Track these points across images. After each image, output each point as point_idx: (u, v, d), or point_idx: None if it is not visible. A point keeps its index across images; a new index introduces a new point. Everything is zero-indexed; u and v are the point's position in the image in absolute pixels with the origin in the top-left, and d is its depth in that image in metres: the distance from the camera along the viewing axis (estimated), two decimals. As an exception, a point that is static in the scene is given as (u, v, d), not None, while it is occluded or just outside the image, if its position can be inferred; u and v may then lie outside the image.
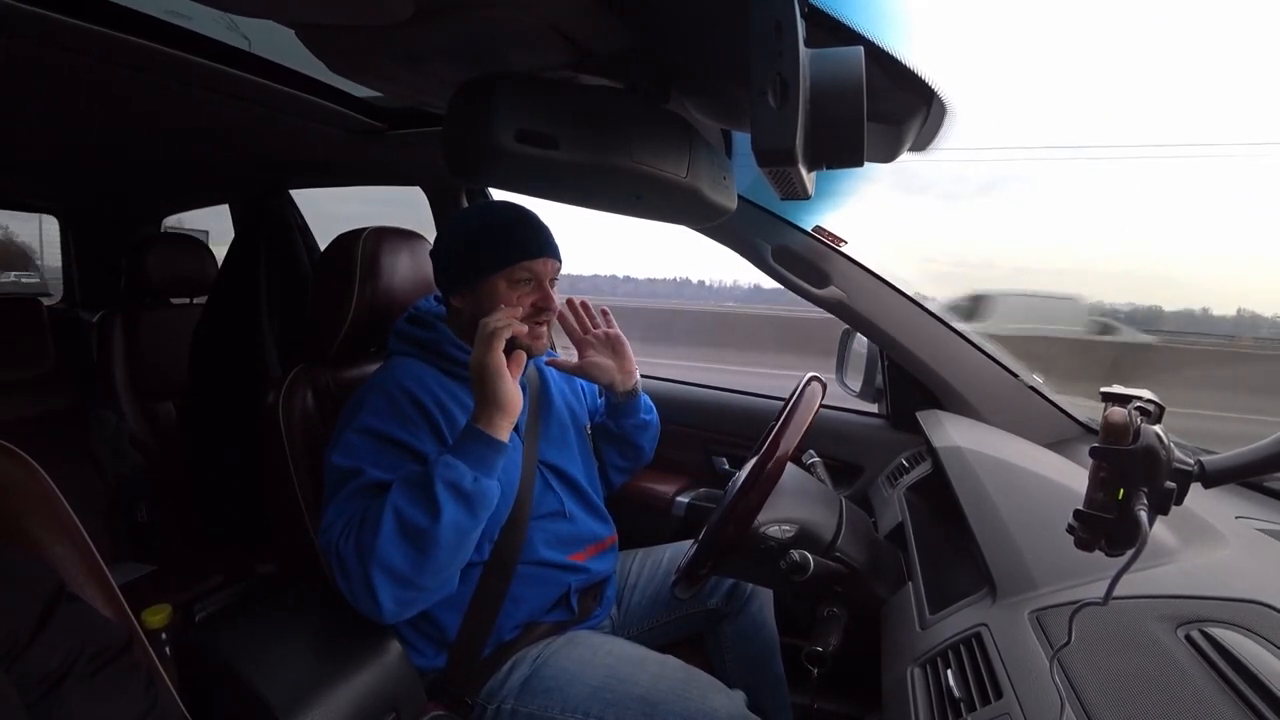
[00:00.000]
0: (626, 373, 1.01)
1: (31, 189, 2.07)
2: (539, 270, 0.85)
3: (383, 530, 0.69)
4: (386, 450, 0.77)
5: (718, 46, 0.56)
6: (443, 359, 0.87)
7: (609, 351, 1.00)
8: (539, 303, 0.86)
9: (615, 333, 1.01)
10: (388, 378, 0.83)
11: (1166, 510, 0.47)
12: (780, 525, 0.75)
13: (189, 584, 1.31)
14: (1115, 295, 10.91)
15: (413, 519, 0.69)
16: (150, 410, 1.62)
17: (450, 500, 0.70)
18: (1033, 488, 0.79)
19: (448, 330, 0.88)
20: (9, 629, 0.43)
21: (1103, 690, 0.46)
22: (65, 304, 2.29)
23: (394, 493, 0.72)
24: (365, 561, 0.69)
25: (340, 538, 0.72)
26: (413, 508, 0.70)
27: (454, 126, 0.60)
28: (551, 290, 0.87)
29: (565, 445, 0.98)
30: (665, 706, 0.77)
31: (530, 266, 0.84)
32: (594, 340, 1.00)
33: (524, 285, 0.85)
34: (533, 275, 0.85)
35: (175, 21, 0.82)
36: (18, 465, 0.54)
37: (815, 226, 1.11)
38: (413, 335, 0.89)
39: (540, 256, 0.85)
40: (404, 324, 0.91)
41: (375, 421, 0.78)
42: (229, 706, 0.69)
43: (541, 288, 0.86)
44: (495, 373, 0.74)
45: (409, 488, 0.72)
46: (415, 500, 0.70)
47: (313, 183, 1.68)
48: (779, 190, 0.50)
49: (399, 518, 0.70)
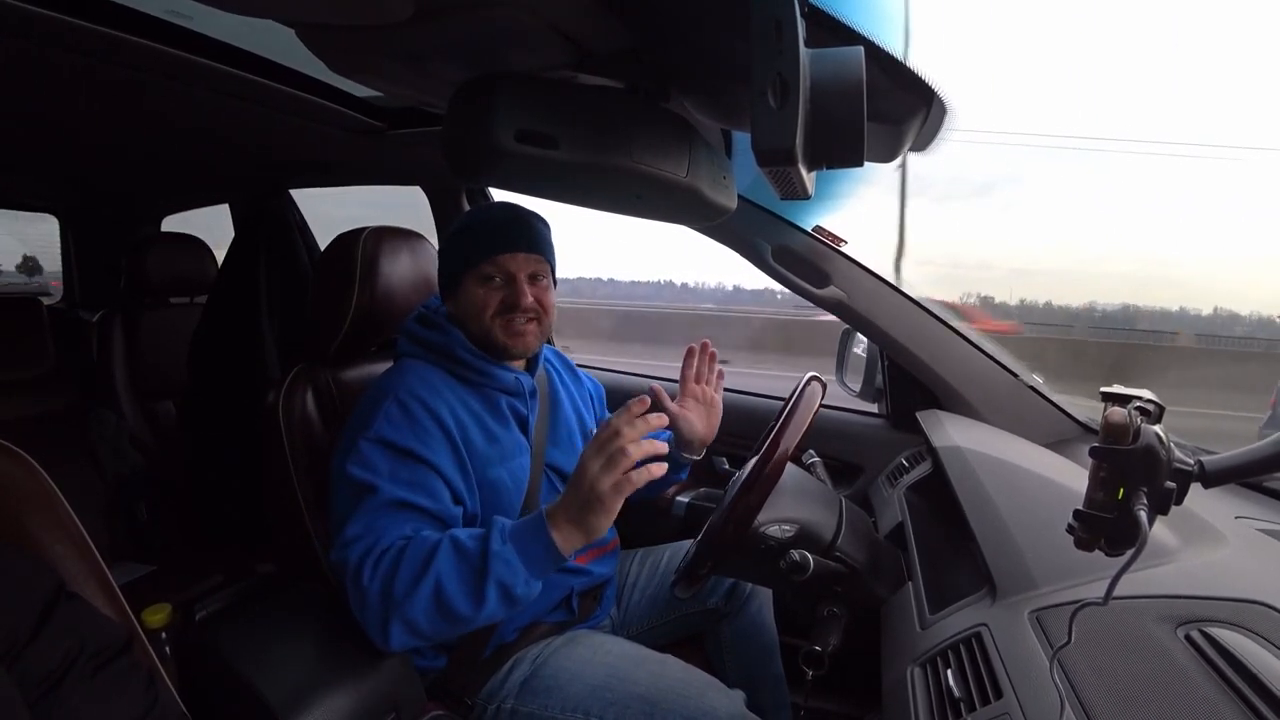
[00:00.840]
0: (704, 440, 0.99)
1: (31, 189, 2.07)
2: (508, 265, 0.83)
3: (418, 594, 0.66)
4: (402, 463, 0.76)
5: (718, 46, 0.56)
6: (453, 362, 0.85)
7: (702, 411, 0.99)
8: (507, 299, 0.84)
9: (715, 397, 0.99)
10: (400, 383, 0.81)
11: (1166, 510, 0.47)
12: (780, 525, 0.75)
13: (189, 584, 1.31)
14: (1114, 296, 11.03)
15: (452, 601, 0.67)
16: (150, 410, 1.63)
17: (496, 598, 0.67)
18: (1033, 488, 0.79)
19: (459, 333, 0.86)
20: (9, 628, 0.43)
21: (1103, 690, 0.46)
22: (65, 304, 2.29)
23: (442, 559, 0.68)
24: (389, 609, 0.67)
25: (363, 563, 0.69)
26: (457, 589, 0.67)
27: (454, 126, 0.60)
28: (531, 286, 0.85)
29: (572, 450, 0.97)
30: (665, 706, 0.77)
31: (497, 262, 0.83)
32: (697, 394, 0.98)
33: (491, 281, 0.84)
34: (500, 271, 0.84)
35: (175, 21, 0.82)
36: (18, 465, 0.54)
37: (815, 226, 1.11)
38: (423, 337, 0.87)
39: (507, 251, 0.83)
40: (414, 324, 0.89)
41: (390, 432, 0.76)
42: (229, 706, 0.69)
43: (513, 284, 0.84)
44: (606, 506, 0.65)
45: (459, 564, 0.68)
46: (462, 582, 0.67)
47: (313, 183, 1.68)
48: (779, 190, 0.50)
49: (439, 592, 0.67)
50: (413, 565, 0.68)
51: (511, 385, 0.88)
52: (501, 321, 0.84)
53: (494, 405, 0.87)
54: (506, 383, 0.87)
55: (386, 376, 0.84)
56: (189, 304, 1.71)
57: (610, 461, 0.65)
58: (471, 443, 0.81)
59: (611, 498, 0.65)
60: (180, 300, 1.71)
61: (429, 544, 0.70)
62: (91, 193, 2.05)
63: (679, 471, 1.02)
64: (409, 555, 0.69)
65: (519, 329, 0.85)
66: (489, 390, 0.87)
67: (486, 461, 0.82)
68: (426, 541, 0.70)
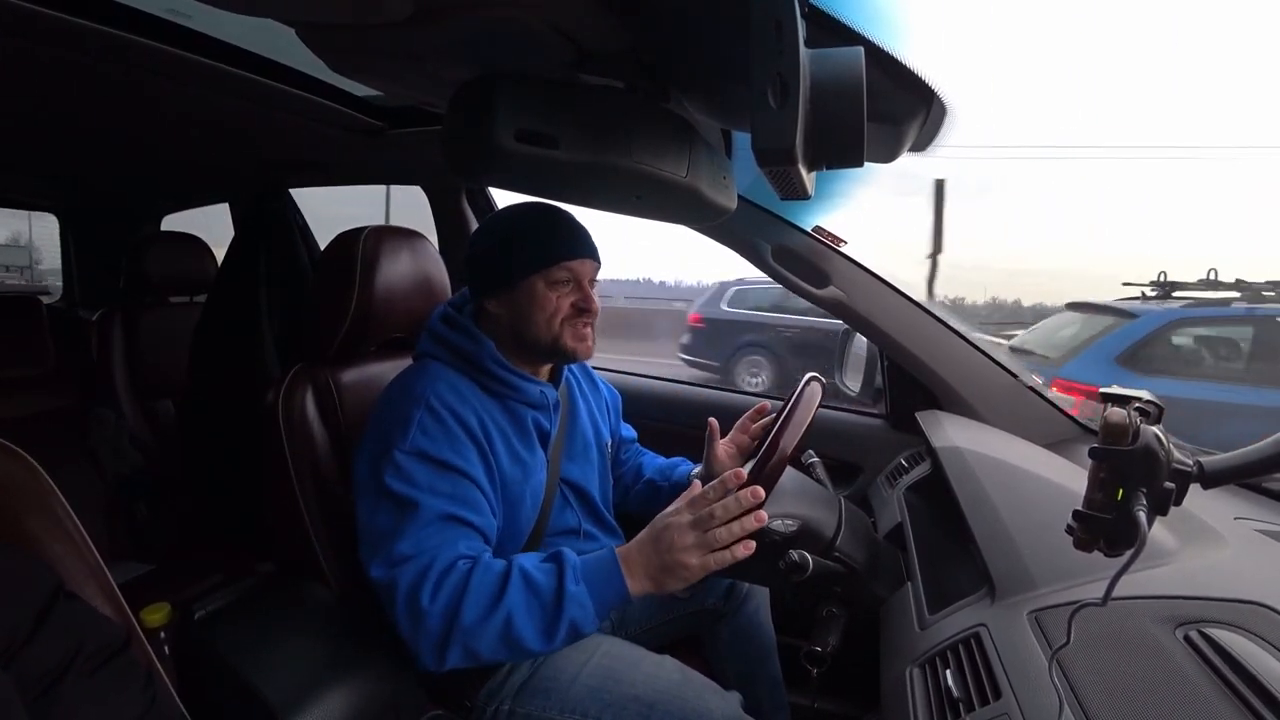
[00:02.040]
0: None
1: (31, 188, 2.07)
2: (578, 270, 0.83)
3: (489, 625, 0.67)
4: (442, 475, 0.75)
5: (718, 46, 0.56)
6: (480, 373, 0.84)
7: (729, 457, 0.99)
8: (579, 303, 0.84)
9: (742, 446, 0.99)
10: (430, 391, 0.78)
11: (1165, 511, 0.47)
12: (783, 519, 0.75)
13: (188, 583, 1.30)
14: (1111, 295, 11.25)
15: (522, 636, 0.67)
16: (150, 409, 1.62)
17: (566, 636, 0.69)
18: (1032, 488, 0.79)
19: (491, 345, 0.84)
20: (7, 627, 0.42)
21: (1101, 691, 0.46)
22: (65, 303, 2.29)
23: (514, 593, 0.68)
24: (451, 634, 0.67)
25: (420, 585, 0.68)
26: (528, 624, 0.68)
27: (454, 126, 0.60)
28: (591, 291, 0.85)
29: (587, 463, 0.97)
30: (662, 707, 0.77)
31: (570, 266, 0.83)
32: (741, 442, 0.99)
33: (563, 286, 0.83)
34: (572, 276, 0.83)
35: (176, 20, 0.82)
36: (18, 465, 0.54)
37: (815, 226, 1.11)
38: (452, 342, 0.85)
39: (579, 257, 0.83)
40: (440, 325, 0.87)
41: (427, 444, 0.75)
42: (228, 706, 0.69)
43: (581, 288, 0.84)
44: (688, 577, 0.68)
45: (531, 599, 0.68)
46: (535, 619, 0.68)
47: (313, 182, 1.68)
48: (779, 190, 0.50)
49: (509, 625, 0.67)
50: (482, 594, 0.68)
51: (536, 399, 0.87)
52: (571, 326, 0.84)
53: (519, 421, 0.86)
54: (532, 396, 0.86)
55: (412, 380, 0.81)
56: (189, 303, 1.71)
57: (702, 541, 0.67)
58: (499, 458, 0.81)
59: (696, 572, 0.68)
60: (180, 299, 1.71)
61: (497, 573, 0.70)
62: (91, 192, 2.05)
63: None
64: (476, 583, 0.68)
65: (585, 334, 0.85)
66: (512, 403, 0.86)
67: (510, 480, 0.82)
68: (493, 569, 0.70)
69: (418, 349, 0.89)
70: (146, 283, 1.61)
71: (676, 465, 1.11)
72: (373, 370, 1.00)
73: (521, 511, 0.84)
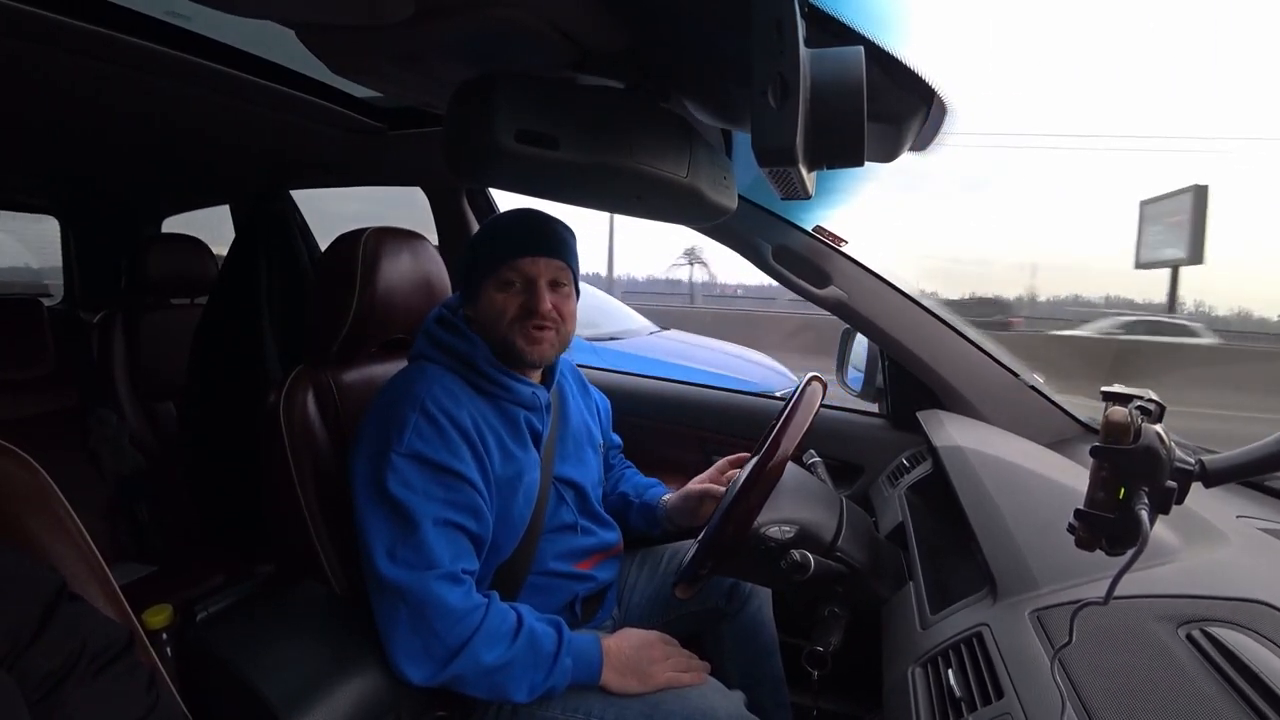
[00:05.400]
0: (686, 525, 1.04)
1: (31, 189, 2.07)
2: (528, 270, 0.83)
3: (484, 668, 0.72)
4: (439, 479, 0.76)
5: (718, 46, 0.56)
6: (474, 373, 0.84)
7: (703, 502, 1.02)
8: (526, 304, 0.83)
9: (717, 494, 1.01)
10: (424, 392, 0.79)
11: (1167, 510, 0.47)
12: (780, 526, 0.75)
13: (190, 584, 1.31)
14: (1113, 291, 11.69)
15: (509, 687, 0.74)
16: (151, 410, 1.62)
17: (541, 694, 0.76)
18: (1033, 487, 0.79)
19: (484, 345, 0.85)
20: (10, 629, 0.42)
21: (1104, 690, 0.46)
22: (65, 304, 2.29)
23: (520, 649, 0.74)
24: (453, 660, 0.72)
25: (425, 598, 0.72)
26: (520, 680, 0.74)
27: (454, 126, 0.60)
28: (552, 293, 0.84)
29: (581, 461, 0.97)
30: (665, 707, 0.77)
31: (517, 266, 0.82)
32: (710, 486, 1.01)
33: (510, 288, 0.83)
34: (520, 276, 0.83)
35: (175, 22, 0.82)
36: (18, 465, 0.54)
37: (815, 226, 1.11)
38: (445, 342, 0.85)
39: (526, 255, 0.82)
40: (435, 326, 0.87)
41: (422, 446, 0.76)
42: (230, 707, 0.69)
43: (532, 289, 0.83)
44: (651, 686, 0.79)
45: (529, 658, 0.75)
46: (527, 677, 0.74)
47: (313, 183, 1.68)
48: (779, 190, 0.50)
49: (505, 675, 0.74)
50: (490, 640, 0.73)
51: (528, 400, 0.87)
52: (520, 328, 0.83)
53: (511, 421, 0.86)
54: (524, 397, 0.86)
55: (406, 381, 0.82)
56: (189, 304, 1.71)
57: (674, 671, 0.81)
58: (492, 457, 0.81)
59: (659, 684, 0.79)
60: (181, 301, 1.71)
61: (509, 624, 0.76)
62: (91, 193, 2.05)
63: (652, 526, 1.07)
64: (487, 627, 0.73)
65: (536, 335, 0.83)
66: (505, 404, 0.86)
67: (502, 482, 0.82)
68: (507, 619, 0.76)
69: (413, 350, 0.89)
70: (147, 284, 1.61)
71: (651, 486, 1.12)
72: (374, 371, 1.01)
73: (514, 510, 0.84)
